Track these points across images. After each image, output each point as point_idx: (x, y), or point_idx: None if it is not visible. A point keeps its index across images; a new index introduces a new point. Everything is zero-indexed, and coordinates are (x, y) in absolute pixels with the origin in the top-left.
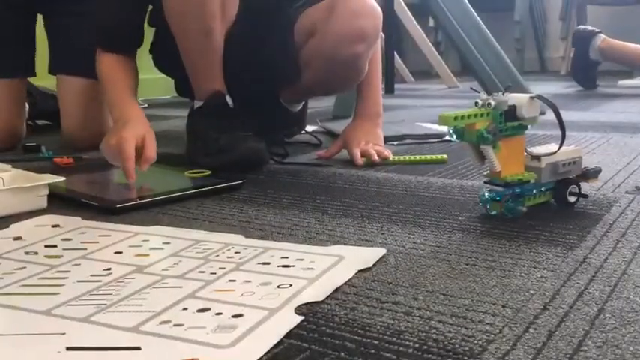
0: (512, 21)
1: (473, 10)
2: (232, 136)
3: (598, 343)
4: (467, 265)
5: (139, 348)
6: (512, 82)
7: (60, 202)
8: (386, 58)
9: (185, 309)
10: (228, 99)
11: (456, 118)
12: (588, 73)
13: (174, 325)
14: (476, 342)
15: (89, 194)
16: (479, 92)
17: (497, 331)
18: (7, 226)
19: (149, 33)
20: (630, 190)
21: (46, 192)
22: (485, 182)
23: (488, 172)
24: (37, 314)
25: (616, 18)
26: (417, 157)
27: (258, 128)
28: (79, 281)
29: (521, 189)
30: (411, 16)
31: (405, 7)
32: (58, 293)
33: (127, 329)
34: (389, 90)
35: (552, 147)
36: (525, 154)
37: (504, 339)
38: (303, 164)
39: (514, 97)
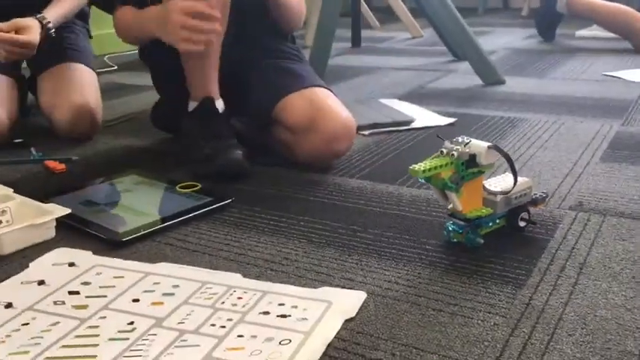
0: None
1: None
2: (216, 145)
3: None
4: (434, 310)
5: None
6: (463, 38)
7: (66, 228)
8: (352, 8)
9: None
10: (220, 103)
11: (424, 171)
12: (550, 24)
13: None
14: None
15: (95, 223)
16: (444, 140)
17: None
18: (26, 265)
19: None
20: (573, 204)
21: (54, 223)
22: (448, 215)
23: (451, 205)
24: None
25: None
26: None
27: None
28: (110, 339)
29: (480, 221)
30: None
31: None
32: (96, 356)
33: None
34: (355, 43)
35: (507, 179)
36: (483, 189)
37: None
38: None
39: (474, 147)
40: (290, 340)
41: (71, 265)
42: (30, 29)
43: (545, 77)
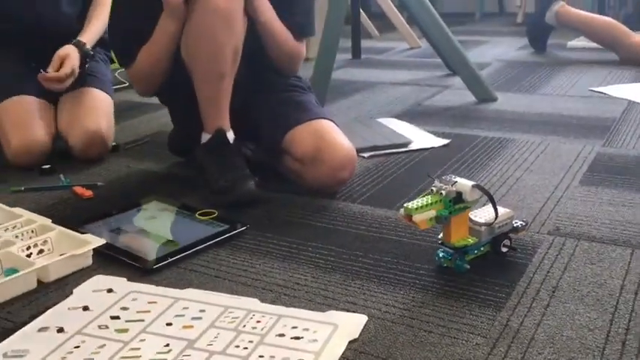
0: None
1: None
2: (230, 176)
3: None
4: (425, 331)
5: None
6: (448, 46)
7: (101, 255)
8: (353, 19)
9: None
10: (231, 134)
11: (417, 209)
12: (540, 36)
13: None
14: None
15: (127, 251)
16: (434, 179)
17: None
18: (70, 291)
19: None
20: (552, 229)
21: (92, 252)
22: (439, 243)
23: (441, 235)
24: None
25: None
26: None
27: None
28: None
29: (466, 249)
30: None
31: None
32: None
33: None
34: (355, 55)
35: (491, 210)
36: (469, 221)
37: None
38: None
39: (460, 185)
40: None
41: (109, 291)
42: (69, 57)
43: (535, 93)
